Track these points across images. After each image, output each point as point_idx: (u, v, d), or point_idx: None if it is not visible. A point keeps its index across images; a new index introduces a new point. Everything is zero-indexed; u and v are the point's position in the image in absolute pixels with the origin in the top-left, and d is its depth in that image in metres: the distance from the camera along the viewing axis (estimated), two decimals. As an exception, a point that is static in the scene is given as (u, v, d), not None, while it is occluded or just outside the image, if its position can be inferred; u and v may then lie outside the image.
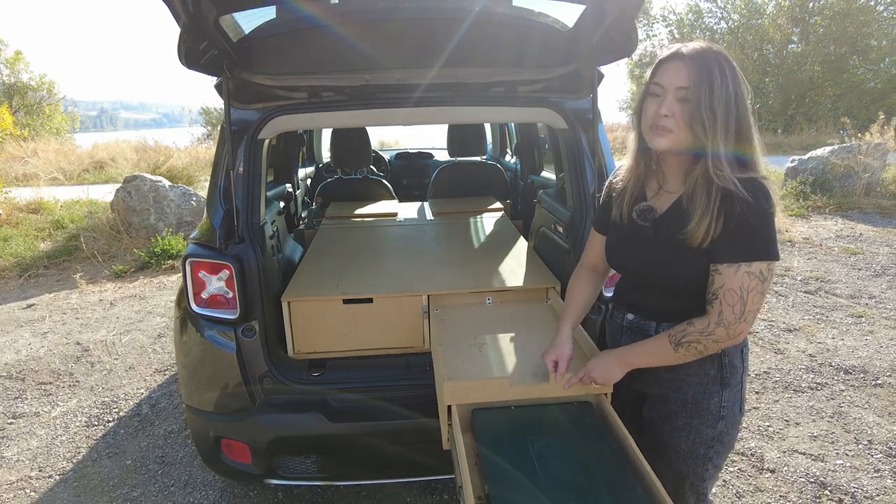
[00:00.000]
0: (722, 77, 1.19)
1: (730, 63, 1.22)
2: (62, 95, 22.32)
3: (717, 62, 1.20)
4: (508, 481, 1.27)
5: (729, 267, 1.22)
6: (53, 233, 6.94)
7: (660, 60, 1.28)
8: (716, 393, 1.39)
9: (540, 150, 4.01)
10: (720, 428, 1.41)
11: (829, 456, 2.63)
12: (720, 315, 1.24)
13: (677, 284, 1.34)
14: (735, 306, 1.23)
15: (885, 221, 7.23)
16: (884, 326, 4.06)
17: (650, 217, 1.37)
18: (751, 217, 1.19)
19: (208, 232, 2.01)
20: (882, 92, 18.98)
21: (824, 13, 19.40)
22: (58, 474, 2.69)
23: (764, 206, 1.19)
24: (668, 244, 1.33)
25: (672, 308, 1.37)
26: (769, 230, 1.21)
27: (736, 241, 1.21)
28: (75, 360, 3.90)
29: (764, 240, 1.21)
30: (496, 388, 1.51)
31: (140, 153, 12.00)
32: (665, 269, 1.35)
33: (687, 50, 1.24)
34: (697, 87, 1.20)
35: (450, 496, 2.43)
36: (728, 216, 1.21)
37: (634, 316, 1.47)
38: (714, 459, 1.44)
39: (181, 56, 1.67)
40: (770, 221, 1.20)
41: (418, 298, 2.14)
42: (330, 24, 1.96)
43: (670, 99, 1.23)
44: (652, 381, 1.47)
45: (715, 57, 1.21)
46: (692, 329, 1.28)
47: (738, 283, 1.22)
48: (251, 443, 1.98)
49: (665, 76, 1.24)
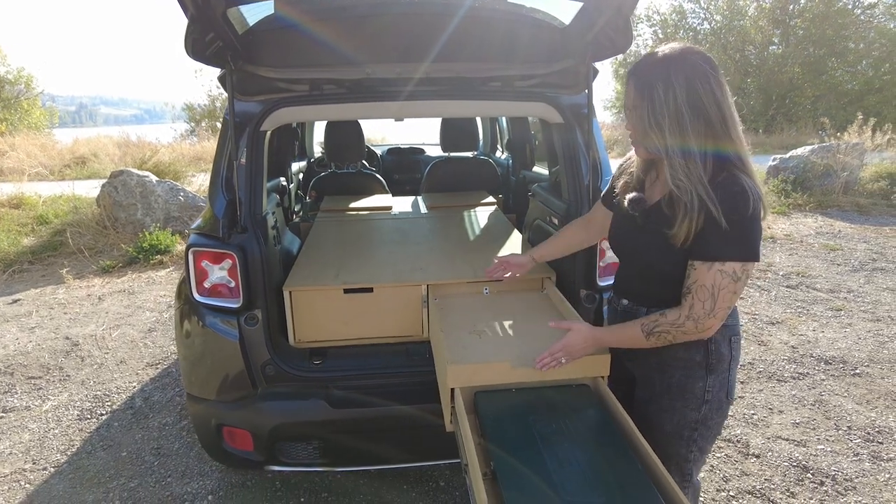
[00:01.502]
0: (666, 89, 1.24)
1: (685, 69, 1.24)
2: (41, 90, 21.88)
3: (664, 75, 1.24)
4: (513, 458, 1.32)
5: (703, 264, 1.27)
6: (37, 228, 6.84)
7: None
8: (700, 378, 1.43)
9: (532, 145, 4.06)
10: (704, 412, 1.45)
11: (810, 441, 2.73)
12: (691, 309, 1.29)
13: (661, 273, 1.40)
14: (706, 302, 1.27)
15: (863, 219, 7.43)
16: (861, 319, 4.19)
17: (639, 207, 1.42)
18: (724, 218, 1.21)
19: (211, 221, 2.03)
20: (859, 93, 19.41)
21: (804, 15, 19.79)
22: (52, 467, 2.69)
23: (740, 209, 1.21)
24: (653, 235, 1.38)
25: (661, 295, 1.42)
26: (745, 231, 1.23)
27: (711, 240, 1.25)
28: (65, 354, 3.87)
29: (738, 241, 1.23)
30: (498, 371, 1.56)
31: (123, 149, 11.86)
32: (650, 258, 1.41)
33: (638, 66, 1.31)
34: (639, 105, 1.29)
35: (446, 483, 2.47)
36: (707, 216, 1.24)
37: (628, 301, 1.53)
38: (699, 442, 1.49)
39: (188, 47, 1.69)
40: (746, 223, 1.23)
41: (418, 288, 2.18)
42: (332, 18, 1.99)
43: (628, 116, 1.36)
44: (641, 362, 1.54)
45: (662, 70, 1.25)
46: (664, 320, 1.34)
47: (710, 280, 1.26)
48: (253, 430, 2.01)
49: (625, 93, 1.36)
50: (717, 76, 1.25)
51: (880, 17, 19.72)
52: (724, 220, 1.22)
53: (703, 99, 1.24)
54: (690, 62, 1.24)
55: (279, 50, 2.04)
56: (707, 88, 1.24)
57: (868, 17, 19.75)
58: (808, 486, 2.42)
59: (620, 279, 1.60)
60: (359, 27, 2.05)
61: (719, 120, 1.25)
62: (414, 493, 2.41)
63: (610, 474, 1.25)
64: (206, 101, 18.11)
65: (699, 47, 1.30)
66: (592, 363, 1.57)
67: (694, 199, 1.24)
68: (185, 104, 18.80)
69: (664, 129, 1.25)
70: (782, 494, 2.37)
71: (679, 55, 1.26)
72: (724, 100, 1.26)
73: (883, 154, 9.84)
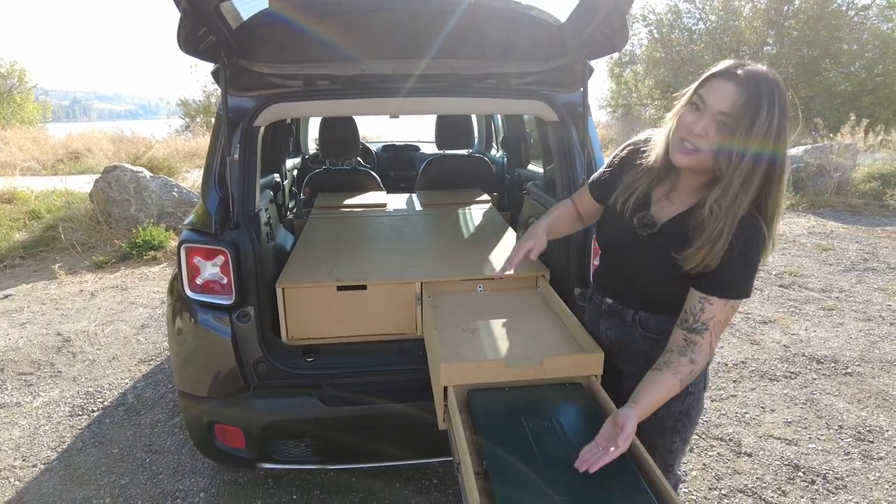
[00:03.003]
0: (770, 112, 1.13)
1: (782, 96, 1.15)
2: (34, 84, 21.72)
3: (769, 93, 1.14)
4: (506, 457, 1.31)
5: (720, 300, 1.27)
6: (29, 223, 6.78)
7: (711, 74, 1.21)
8: None
9: (527, 143, 4.06)
10: (688, 402, 1.49)
11: (802, 440, 2.75)
12: (711, 347, 1.31)
13: (654, 287, 1.41)
14: (718, 337, 1.32)
15: (855, 219, 7.47)
16: (853, 319, 4.22)
17: (648, 230, 1.38)
18: (746, 258, 1.23)
19: (204, 217, 2.02)
20: (852, 94, 19.51)
21: (798, 17, 19.86)
22: (42, 463, 2.67)
23: (755, 249, 1.24)
24: (656, 256, 1.36)
25: (649, 300, 1.44)
26: (754, 271, 1.27)
27: (731, 277, 1.25)
28: (56, 350, 3.84)
29: (749, 279, 1.27)
30: (491, 370, 1.56)
31: (117, 144, 11.78)
32: (646, 272, 1.41)
33: (742, 71, 1.16)
34: (740, 117, 1.14)
35: (439, 480, 2.47)
36: (727, 252, 1.22)
37: (613, 301, 1.53)
38: (682, 433, 1.53)
39: (180, 41, 1.68)
40: (756, 264, 1.26)
41: (411, 286, 2.17)
42: (327, 14, 1.98)
43: (707, 119, 1.18)
44: (627, 358, 1.56)
45: (769, 87, 1.14)
46: (697, 369, 1.31)
47: (724, 316, 1.29)
48: (245, 427, 2.00)
49: (711, 93, 1.18)
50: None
51: (874, 18, 19.81)
52: (743, 258, 1.23)
53: (784, 137, 1.17)
54: (781, 85, 1.17)
55: (273, 45, 2.03)
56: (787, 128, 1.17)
57: (862, 18, 19.84)
58: (800, 485, 2.43)
59: (605, 275, 1.58)
60: (354, 23, 2.04)
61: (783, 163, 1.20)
62: (406, 491, 2.41)
63: (602, 473, 1.25)
64: (202, 97, 18.05)
65: None
66: (586, 362, 1.58)
67: (724, 231, 1.22)
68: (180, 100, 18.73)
69: (746, 151, 1.15)
70: (774, 493, 2.39)
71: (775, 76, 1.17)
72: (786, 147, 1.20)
73: (875, 155, 9.90)
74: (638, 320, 1.48)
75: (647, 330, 1.48)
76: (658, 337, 1.45)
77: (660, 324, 1.44)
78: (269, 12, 1.98)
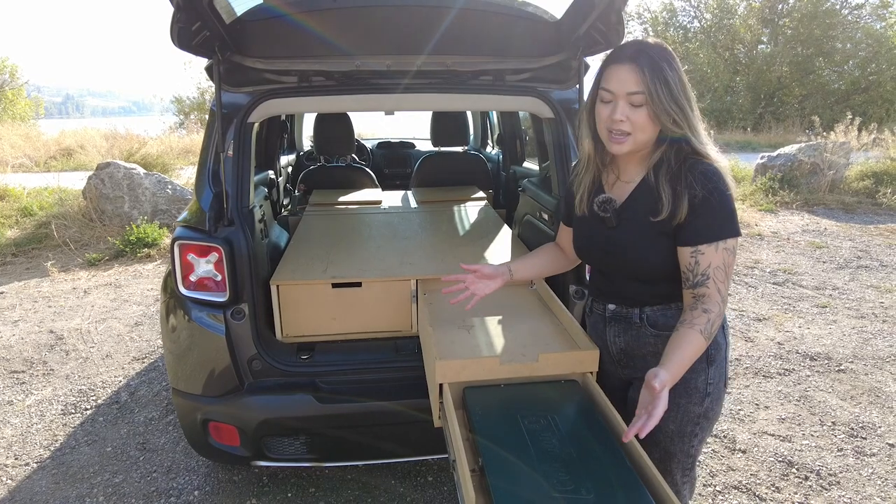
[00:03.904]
0: (672, 69, 1.24)
1: (670, 51, 1.28)
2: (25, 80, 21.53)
3: (664, 56, 1.25)
4: (501, 454, 1.31)
5: (709, 246, 1.28)
6: (21, 220, 6.73)
7: (603, 64, 1.31)
8: (702, 371, 1.41)
9: (522, 140, 4.06)
10: (707, 405, 1.44)
11: (795, 437, 2.76)
12: (720, 293, 1.29)
13: (642, 269, 1.39)
14: (724, 282, 1.29)
15: (848, 217, 7.51)
16: (846, 316, 4.24)
17: (610, 207, 1.40)
18: (714, 196, 1.26)
19: (197, 214, 2.01)
20: (845, 93, 19.63)
21: (793, 15, 19.94)
22: (35, 462, 2.65)
23: (721, 186, 1.27)
24: (631, 231, 1.38)
25: (648, 293, 1.42)
26: (732, 207, 1.29)
27: (709, 221, 1.27)
28: (49, 348, 3.82)
29: (730, 217, 1.28)
30: (486, 367, 1.56)
31: (111, 141, 11.68)
32: (628, 255, 1.39)
33: (629, 51, 1.27)
34: (653, 89, 1.23)
35: (434, 478, 2.47)
36: (691, 196, 1.27)
37: (616, 305, 1.50)
38: (700, 434, 1.48)
39: (174, 37, 1.67)
40: (730, 200, 1.29)
41: (406, 283, 2.17)
42: (322, 9, 1.97)
43: (622, 105, 1.27)
44: (640, 366, 1.49)
45: (659, 52, 1.25)
46: (713, 316, 1.27)
47: (721, 260, 1.28)
48: (240, 425, 1.99)
49: (612, 82, 1.28)
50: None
51: (867, 17, 19.94)
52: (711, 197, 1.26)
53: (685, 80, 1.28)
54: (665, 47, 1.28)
55: (268, 40, 2.01)
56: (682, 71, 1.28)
57: (855, 17, 19.96)
58: (793, 481, 2.44)
59: (601, 284, 1.55)
60: (349, 18, 2.03)
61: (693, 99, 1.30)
62: (402, 489, 2.40)
63: (599, 470, 1.25)
64: (196, 94, 17.93)
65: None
66: (581, 359, 1.58)
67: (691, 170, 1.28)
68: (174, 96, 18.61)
69: (682, 107, 1.25)
70: (768, 489, 2.40)
71: (657, 42, 1.29)
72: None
73: (868, 153, 9.95)
74: (646, 318, 1.44)
75: (656, 328, 1.43)
76: (669, 334, 1.37)
77: (668, 319, 1.42)
78: (264, 7, 1.96)
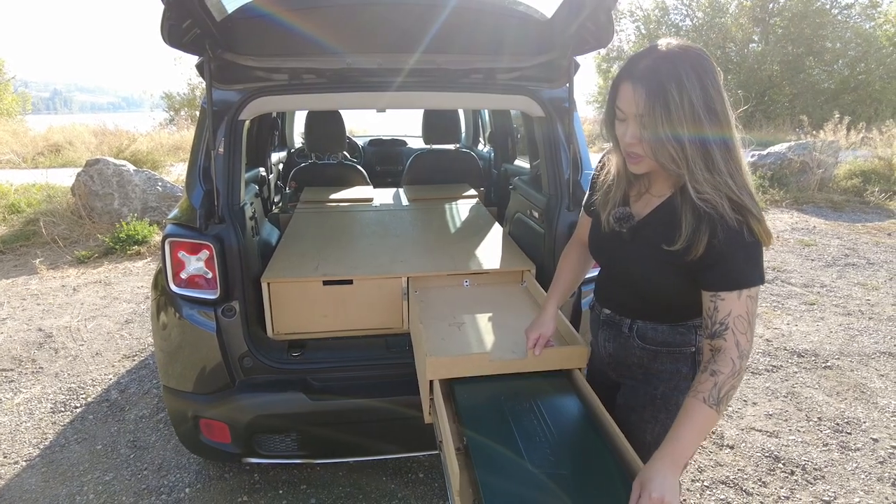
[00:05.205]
0: (681, 91, 1.09)
1: (697, 65, 1.10)
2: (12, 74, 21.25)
3: (675, 74, 1.09)
4: (485, 435, 1.34)
5: (730, 293, 1.16)
6: (8, 217, 6.67)
7: (614, 79, 1.19)
8: (685, 389, 1.31)
9: (514, 138, 4.07)
10: None
11: (782, 432, 2.80)
12: (738, 347, 1.16)
13: (648, 289, 1.34)
14: (747, 333, 1.17)
15: (836, 215, 7.59)
16: (833, 313, 4.30)
17: (627, 224, 1.33)
18: (737, 242, 1.14)
19: (188, 211, 2.00)
20: (835, 92, 19.78)
21: (783, 14, 20.06)
22: (24, 460, 2.64)
23: (743, 233, 1.14)
24: (642, 250, 1.31)
25: (644, 308, 1.39)
26: (760, 252, 1.17)
27: (730, 266, 1.16)
28: (38, 346, 3.79)
29: (757, 263, 1.17)
30: (476, 363, 1.57)
31: (100, 137, 11.59)
32: (637, 273, 1.34)
33: (640, 66, 1.13)
34: (651, 113, 1.11)
35: (425, 475, 2.48)
36: (711, 238, 1.15)
37: (610, 311, 1.48)
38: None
39: (164, 34, 1.66)
40: (755, 247, 1.16)
41: (398, 280, 2.18)
42: (313, 7, 1.96)
43: (632, 126, 1.17)
44: (625, 373, 1.49)
45: (671, 68, 1.10)
46: (722, 378, 1.15)
47: (744, 308, 1.16)
48: (231, 422, 1.99)
49: (621, 101, 1.17)
50: (718, 74, 1.14)
51: (857, 17, 20.10)
52: (733, 243, 1.14)
53: (718, 109, 1.12)
54: (694, 58, 1.11)
55: (258, 38, 2.01)
56: (717, 87, 1.12)
57: (845, 17, 20.10)
58: (780, 476, 2.48)
59: (602, 286, 1.53)
60: (340, 16, 2.03)
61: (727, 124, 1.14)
62: (393, 485, 2.41)
63: (576, 450, 1.30)
64: (186, 90, 17.78)
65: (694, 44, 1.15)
66: (570, 355, 1.59)
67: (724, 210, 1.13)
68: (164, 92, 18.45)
69: (683, 140, 1.11)
70: (754, 484, 2.43)
71: (682, 52, 1.12)
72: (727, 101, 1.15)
73: (857, 152, 10.06)
74: (635, 330, 1.41)
75: (644, 341, 1.40)
76: (656, 349, 1.39)
77: (658, 335, 1.38)
78: (254, 5, 1.96)
